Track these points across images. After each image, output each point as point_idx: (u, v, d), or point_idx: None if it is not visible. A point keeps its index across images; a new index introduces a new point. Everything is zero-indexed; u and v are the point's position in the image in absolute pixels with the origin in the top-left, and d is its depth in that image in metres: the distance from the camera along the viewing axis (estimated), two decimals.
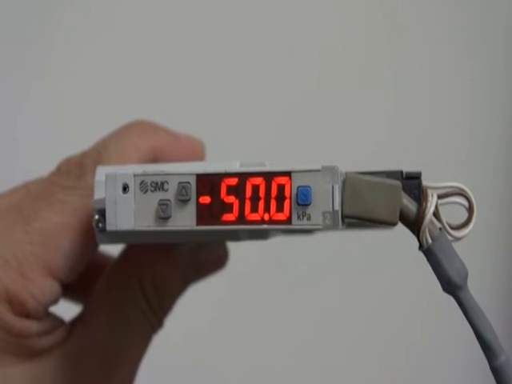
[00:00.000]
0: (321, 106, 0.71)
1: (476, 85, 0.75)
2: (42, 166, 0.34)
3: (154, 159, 0.32)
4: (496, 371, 0.24)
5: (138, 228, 0.25)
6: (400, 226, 0.24)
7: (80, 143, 0.33)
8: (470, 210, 0.24)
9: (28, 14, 0.67)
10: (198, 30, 0.69)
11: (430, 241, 0.24)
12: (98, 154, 0.31)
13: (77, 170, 0.31)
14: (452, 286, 0.24)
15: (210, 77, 0.69)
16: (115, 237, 0.29)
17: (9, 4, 0.66)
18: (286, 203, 0.24)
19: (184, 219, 0.25)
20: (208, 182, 0.25)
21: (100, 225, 0.28)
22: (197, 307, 0.58)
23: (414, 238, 0.24)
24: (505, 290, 0.75)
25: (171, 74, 0.69)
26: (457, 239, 0.24)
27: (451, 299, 0.25)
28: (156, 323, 0.33)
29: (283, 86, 0.71)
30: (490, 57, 0.75)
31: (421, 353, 0.74)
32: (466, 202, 0.24)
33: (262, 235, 0.29)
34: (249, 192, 0.24)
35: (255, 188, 0.24)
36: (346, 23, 0.74)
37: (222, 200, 0.25)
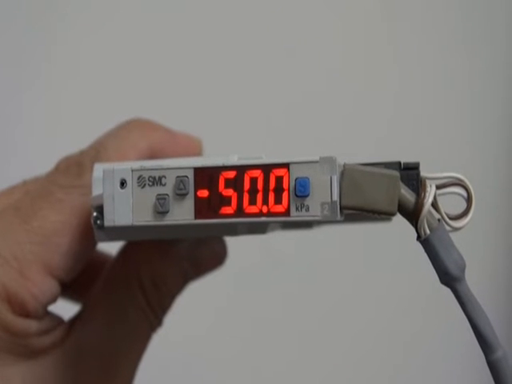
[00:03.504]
0: (319, 99, 0.71)
1: (475, 77, 0.75)
2: (41, 164, 0.34)
3: (152, 157, 0.32)
4: (492, 365, 0.24)
5: (136, 223, 0.25)
6: (398, 217, 0.24)
7: (78, 142, 0.34)
8: (469, 200, 0.24)
9: (27, 14, 0.67)
10: (195, 28, 0.70)
11: (428, 231, 0.24)
12: (96, 153, 0.31)
13: (75, 168, 0.31)
14: (449, 278, 0.24)
15: (207, 74, 0.69)
16: (113, 233, 0.28)
17: (6, 3, 0.66)
18: (285, 195, 0.24)
19: (182, 213, 0.25)
20: (206, 176, 0.25)
21: (98, 222, 0.28)
22: (195, 305, 0.58)
23: (412, 229, 0.24)
24: (504, 283, 0.75)
25: (169, 72, 0.69)
26: (455, 229, 0.24)
27: (449, 292, 0.24)
28: (155, 321, 0.33)
29: (281, 80, 0.71)
30: (489, 50, 0.75)
31: (418, 346, 0.74)
32: (464, 192, 0.24)
33: (261, 229, 0.29)
34: (247, 185, 0.24)
35: (253, 180, 0.24)
36: (346, 20, 0.74)
37: (220, 193, 0.25)
